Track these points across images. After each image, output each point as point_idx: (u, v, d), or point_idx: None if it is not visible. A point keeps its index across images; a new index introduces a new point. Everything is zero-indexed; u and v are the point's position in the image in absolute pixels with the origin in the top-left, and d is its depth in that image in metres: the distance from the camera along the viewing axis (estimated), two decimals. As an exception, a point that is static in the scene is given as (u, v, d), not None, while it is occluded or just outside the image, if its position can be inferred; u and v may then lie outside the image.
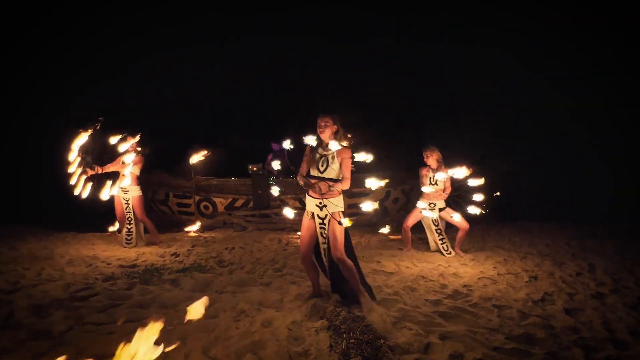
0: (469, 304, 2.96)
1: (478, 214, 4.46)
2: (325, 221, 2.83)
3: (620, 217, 7.01)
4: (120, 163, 4.83)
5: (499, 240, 5.58)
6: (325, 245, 2.89)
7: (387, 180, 3.25)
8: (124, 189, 4.98)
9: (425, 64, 10.27)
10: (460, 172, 4.16)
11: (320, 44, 10.30)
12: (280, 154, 7.64)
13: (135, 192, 5.08)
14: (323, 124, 2.83)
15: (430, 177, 4.61)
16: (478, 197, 4.44)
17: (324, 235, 2.86)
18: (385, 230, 6.26)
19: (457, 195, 4.73)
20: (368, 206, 3.01)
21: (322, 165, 2.83)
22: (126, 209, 5.09)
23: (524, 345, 2.32)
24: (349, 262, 2.79)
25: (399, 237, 5.71)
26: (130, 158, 4.75)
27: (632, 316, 2.75)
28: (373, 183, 3.02)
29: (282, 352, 2.19)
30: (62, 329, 2.46)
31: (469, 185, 4.35)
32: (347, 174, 2.83)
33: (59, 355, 2.18)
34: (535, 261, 4.33)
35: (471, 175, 4.23)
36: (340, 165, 2.82)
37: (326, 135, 2.84)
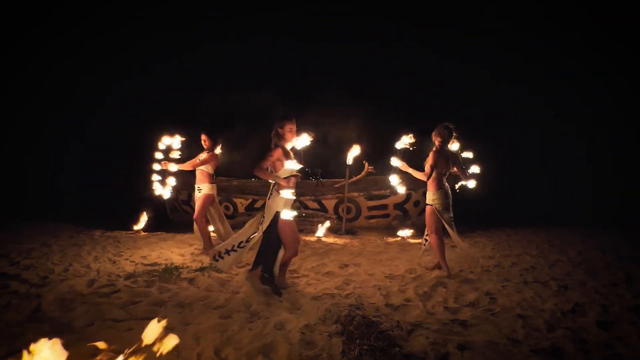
0: (491, 312, 2.81)
1: (474, 186, 4.21)
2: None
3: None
4: (198, 161, 4.76)
5: (525, 247, 5.31)
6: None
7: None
8: (199, 187, 4.81)
9: (426, 64, 10.09)
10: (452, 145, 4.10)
11: (320, 44, 10.34)
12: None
13: (205, 189, 4.78)
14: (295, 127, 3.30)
15: None
16: (475, 169, 4.22)
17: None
18: (404, 233, 6.11)
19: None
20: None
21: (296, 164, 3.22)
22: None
23: (551, 359, 2.17)
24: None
25: (420, 240, 5.54)
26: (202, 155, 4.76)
27: (674, 332, 2.51)
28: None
29: (293, 355, 2.16)
30: (83, 324, 2.54)
31: (463, 158, 4.18)
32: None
33: (79, 349, 2.26)
34: (565, 269, 4.08)
35: (462, 149, 4.15)
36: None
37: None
